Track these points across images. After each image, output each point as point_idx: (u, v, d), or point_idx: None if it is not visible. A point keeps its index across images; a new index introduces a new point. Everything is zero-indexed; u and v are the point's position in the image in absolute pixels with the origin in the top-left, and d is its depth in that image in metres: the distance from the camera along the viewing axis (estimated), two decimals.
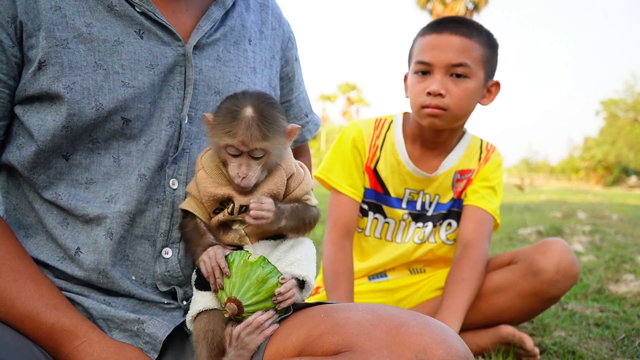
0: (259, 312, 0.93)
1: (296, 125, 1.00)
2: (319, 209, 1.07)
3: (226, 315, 0.95)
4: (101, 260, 0.96)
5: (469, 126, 1.99)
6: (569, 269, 1.69)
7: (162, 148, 1.00)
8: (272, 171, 0.99)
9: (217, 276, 0.94)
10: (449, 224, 1.94)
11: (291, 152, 1.05)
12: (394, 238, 1.94)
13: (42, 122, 0.94)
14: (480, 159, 1.94)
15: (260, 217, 0.93)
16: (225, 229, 1.02)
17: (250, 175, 0.94)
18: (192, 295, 1.04)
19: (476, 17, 27.92)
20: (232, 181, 0.96)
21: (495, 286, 1.79)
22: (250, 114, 0.92)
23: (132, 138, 0.99)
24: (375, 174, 1.90)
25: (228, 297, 0.93)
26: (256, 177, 0.95)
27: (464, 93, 1.72)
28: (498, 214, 1.92)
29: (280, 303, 0.94)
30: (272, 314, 0.94)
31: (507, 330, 1.75)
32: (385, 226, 1.94)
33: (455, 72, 1.71)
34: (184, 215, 1.02)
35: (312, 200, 1.05)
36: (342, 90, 53.32)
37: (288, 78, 1.27)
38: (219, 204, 1.00)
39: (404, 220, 1.93)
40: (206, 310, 0.96)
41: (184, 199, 1.02)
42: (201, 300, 0.97)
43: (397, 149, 1.89)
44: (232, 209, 0.98)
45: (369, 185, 1.90)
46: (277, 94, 1.23)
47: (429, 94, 1.72)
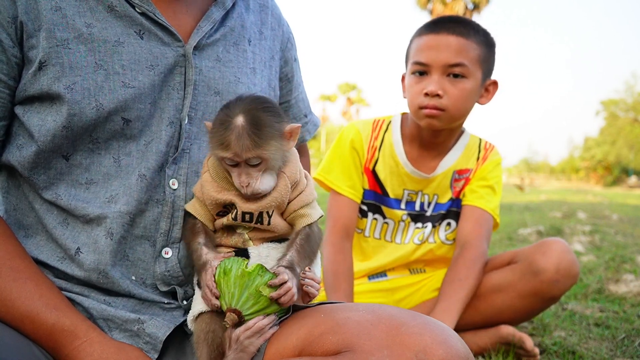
0: (260, 317, 0.93)
1: (296, 124, 0.98)
2: (321, 214, 1.05)
3: (227, 326, 0.93)
4: (101, 261, 0.96)
5: (468, 126, 1.99)
6: (568, 268, 1.69)
7: (162, 148, 1.00)
8: (276, 178, 0.98)
9: (209, 297, 0.93)
10: (448, 224, 1.95)
11: (298, 158, 1.03)
12: (393, 239, 1.95)
13: (42, 122, 0.94)
14: (479, 158, 1.94)
15: (285, 295, 0.91)
16: (229, 231, 1.02)
17: (253, 183, 0.93)
18: (192, 295, 1.04)
19: (477, 17, 27.93)
20: (237, 187, 0.95)
21: (495, 286, 1.78)
22: (241, 123, 0.90)
23: (132, 138, 0.99)
24: (374, 175, 1.90)
25: (228, 307, 0.92)
26: (261, 183, 0.94)
27: (461, 93, 1.72)
28: (497, 213, 1.91)
29: (281, 301, 0.92)
30: (272, 319, 0.93)
31: (507, 330, 1.76)
32: (385, 227, 1.94)
33: (452, 72, 1.71)
34: (187, 214, 1.02)
35: (311, 215, 1.00)
36: (342, 90, 53.34)
37: (287, 78, 1.27)
38: (223, 207, 1.00)
39: (403, 221, 1.93)
40: (208, 311, 0.95)
41: (184, 199, 1.02)
42: (202, 301, 0.97)
43: (395, 150, 1.89)
44: (235, 215, 0.97)
45: (367, 186, 1.90)
46: (277, 94, 1.23)
47: (426, 94, 1.72)
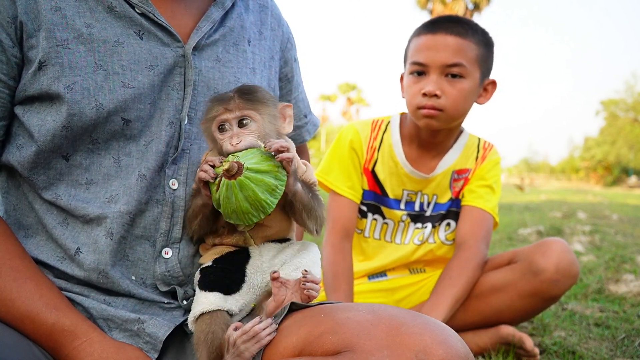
0: (256, 320, 0.91)
1: (287, 103, 1.01)
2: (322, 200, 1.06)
3: (224, 166, 0.88)
4: (101, 260, 0.96)
5: (468, 126, 1.99)
6: (568, 268, 1.69)
7: (162, 148, 1.00)
8: None
9: (210, 160, 0.93)
10: (448, 224, 1.95)
11: (294, 147, 1.05)
12: (393, 239, 1.95)
13: (42, 122, 0.94)
14: (477, 158, 1.94)
15: (284, 149, 0.90)
16: (230, 230, 1.02)
17: (244, 139, 0.93)
18: (192, 295, 1.04)
19: (477, 17, 27.93)
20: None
21: (494, 286, 1.78)
22: (234, 92, 0.97)
23: (132, 139, 0.99)
24: (374, 175, 1.90)
25: (223, 165, 0.89)
26: (248, 143, 0.93)
27: (459, 93, 1.72)
28: (497, 212, 1.91)
29: (281, 157, 0.90)
30: (269, 323, 0.91)
31: (507, 330, 1.76)
32: (384, 227, 1.94)
33: (450, 73, 1.71)
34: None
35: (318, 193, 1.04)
36: (342, 90, 53.34)
37: (287, 79, 1.28)
38: None
39: (403, 221, 1.93)
40: (208, 312, 0.95)
41: (184, 199, 1.02)
42: (204, 302, 0.96)
43: (395, 150, 1.89)
44: None
45: (367, 187, 1.90)
46: (276, 94, 1.23)
47: (424, 95, 1.72)
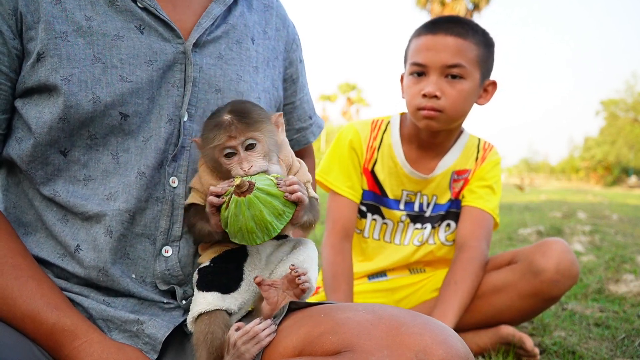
0: (257, 321, 0.91)
1: (278, 113, 1.02)
2: (317, 196, 1.06)
3: (236, 182, 0.89)
4: (101, 258, 0.96)
5: (468, 126, 1.99)
6: (568, 269, 1.69)
7: (161, 145, 1.00)
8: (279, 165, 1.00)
9: (222, 185, 0.93)
10: (448, 224, 1.94)
11: (288, 145, 1.06)
12: (392, 239, 1.94)
13: (39, 114, 0.94)
14: (477, 158, 1.94)
15: (297, 191, 0.92)
16: None
17: (255, 164, 0.94)
18: (191, 295, 1.03)
19: (477, 17, 27.91)
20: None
21: (495, 286, 1.78)
22: (230, 116, 0.95)
23: (130, 134, 0.98)
24: (373, 175, 1.90)
25: (235, 181, 0.90)
26: (261, 169, 0.95)
27: (459, 94, 1.71)
28: (497, 212, 1.91)
29: (289, 190, 0.92)
30: (269, 324, 0.91)
31: (507, 330, 1.75)
32: (384, 227, 1.94)
33: (450, 73, 1.70)
34: (188, 209, 1.02)
35: (310, 192, 1.03)
36: (342, 90, 53.30)
37: (292, 80, 1.27)
38: None
39: (402, 221, 1.93)
40: (207, 312, 0.95)
41: (184, 197, 1.02)
42: (202, 302, 0.96)
43: (394, 150, 1.89)
44: None
45: (366, 187, 1.90)
46: (280, 94, 1.23)
47: (424, 96, 1.71)
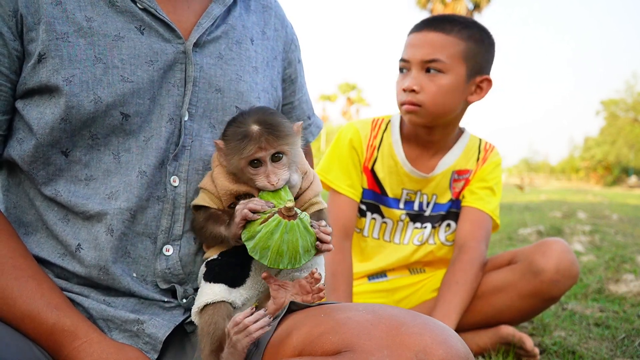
0: (247, 312, 0.89)
1: (298, 122, 1.03)
2: (326, 205, 1.09)
3: (288, 205, 0.92)
4: (102, 257, 0.96)
5: (468, 125, 1.99)
6: (568, 269, 1.69)
7: (162, 145, 1.00)
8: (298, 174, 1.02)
9: (263, 203, 0.94)
10: (448, 225, 1.94)
11: (302, 152, 1.07)
12: (392, 238, 1.94)
13: (41, 115, 0.95)
14: (479, 159, 1.94)
15: (329, 242, 0.95)
16: None
17: (281, 178, 0.96)
18: (192, 294, 1.04)
19: (477, 17, 27.91)
20: (264, 189, 0.97)
21: (495, 286, 1.78)
22: (258, 127, 0.95)
23: (131, 134, 0.99)
24: (373, 174, 1.90)
25: (286, 203, 0.92)
26: (286, 180, 0.97)
27: (438, 89, 1.72)
28: (497, 214, 1.91)
29: (322, 239, 0.95)
30: (261, 315, 0.89)
31: (507, 330, 1.75)
32: (383, 226, 1.94)
33: (429, 68, 1.73)
34: (196, 209, 1.02)
35: (321, 203, 1.06)
36: (342, 90, 53.28)
37: (291, 80, 1.27)
38: (235, 199, 1.01)
39: (402, 220, 1.93)
40: (213, 304, 0.95)
41: (185, 196, 1.02)
42: (208, 292, 0.97)
43: (394, 149, 1.89)
44: None
45: (366, 186, 1.90)
46: (279, 94, 1.23)
47: (404, 90, 1.75)
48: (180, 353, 1.02)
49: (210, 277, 0.99)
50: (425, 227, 1.93)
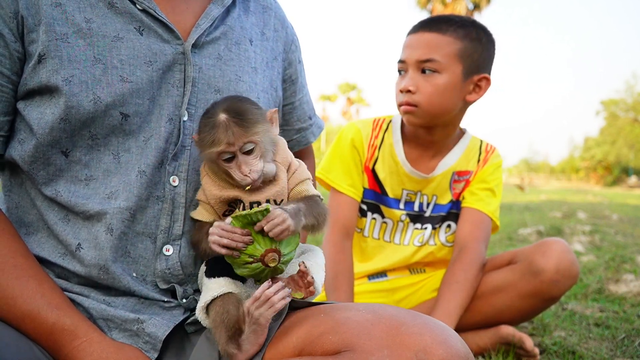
0: (265, 285, 0.91)
1: (273, 109, 1.01)
2: (319, 193, 1.06)
3: (271, 264, 0.92)
4: (102, 256, 0.97)
5: (468, 125, 1.98)
6: (568, 269, 1.69)
7: (161, 145, 1.00)
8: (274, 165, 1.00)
9: (238, 240, 0.92)
10: (449, 225, 1.94)
11: (285, 144, 1.06)
12: (392, 239, 1.94)
13: (41, 115, 0.95)
14: (479, 160, 1.93)
15: (277, 226, 0.91)
16: None
17: (255, 168, 0.94)
18: (192, 294, 1.04)
19: (477, 16, 27.92)
20: (240, 183, 0.96)
21: (495, 286, 1.78)
22: (225, 117, 0.94)
23: (131, 134, 0.99)
24: (374, 174, 1.90)
25: (267, 249, 0.92)
26: (260, 171, 0.95)
27: (434, 88, 1.73)
28: (497, 215, 1.91)
29: (272, 234, 0.91)
30: (281, 286, 0.91)
31: (507, 330, 1.76)
32: (383, 226, 1.94)
33: (424, 68, 1.73)
34: (195, 222, 1.03)
35: (308, 190, 1.03)
36: (342, 90, 53.29)
37: (291, 80, 1.28)
38: (228, 206, 1.01)
39: (402, 221, 1.93)
40: (220, 297, 0.95)
41: (184, 195, 1.03)
42: (214, 287, 0.97)
43: (395, 149, 1.89)
44: (242, 207, 0.99)
45: (367, 186, 1.90)
46: (279, 94, 1.23)
47: (401, 91, 1.76)
48: (181, 353, 1.02)
49: (214, 272, 0.99)
50: (426, 228, 1.93)
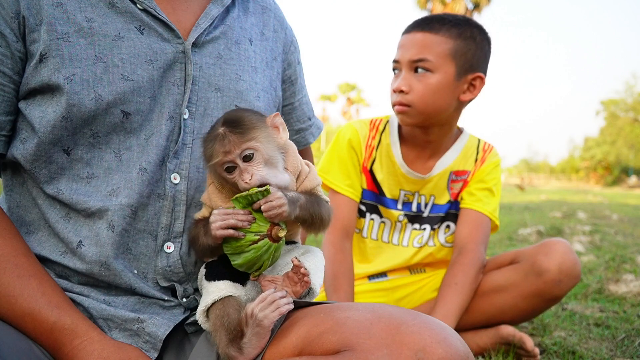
0: (271, 290, 0.91)
1: (274, 113, 1.01)
2: (327, 199, 1.05)
3: (280, 234, 0.93)
4: (103, 253, 0.97)
5: (467, 125, 1.98)
6: (571, 269, 1.69)
7: (162, 142, 1.01)
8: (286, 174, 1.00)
9: (242, 219, 0.92)
10: (447, 226, 1.94)
11: (296, 150, 1.05)
12: (390, 239, 1.94)
13: (43, 114, 0.96)
14: (477, 160, 1.93)
15: (274, 209, 0.91)
16: None
17: (255, 176, 0.93)
18: (192, 293, 1.04)
19: (477, 17, 27.92)
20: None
21: (497, 286, 1.78)
22: (221, 129, 0.94)
23: (132, 132, 1.00)
24: (372, 175, 1.90)
25: (270, 224, 0.93)
26: (263, 177, 0.94)
27: (427, 88, 1.73)
28: (496, 215, 1.90)
29: (268, 215, 0.92)
30: (285, 294, 0.91)
31: (507, 330, 1.76)
32: (382, 226, 1.93)
33: (417, 67, 1.74)
34: (196, 221, 1.02)
35: (322, 194, 1.04)
36: (342, 90, 53.29)
37: (290, 81, 1.28)
38: None
39: (400, 221, 1.92)
40: (220, 300, 0.96)
41: (185, 193, 1.03)
42: (214, 290, 0.97)
43: (392, 150, 1.89)
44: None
45: (365, 186, 1.90)
46: (278, 94, 1.23)
47: (394, 91, 1.77)
48: (180, 353, 1.02)
49: (214, 276, 0.99)
50: (424, 229, 1.93)
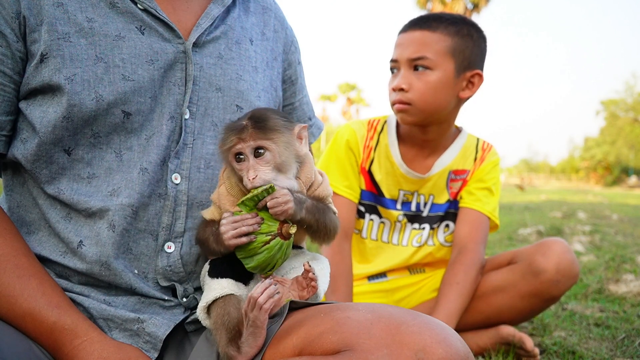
0: (255, 288, 0.91)
1: (303, 124, 1.01)
2: (336, 210, 1.06)
3: (291, 231, 0.95)
4: (103, 252, 0.97)
5: (467, 125, 1.98)
6: (569, 269, 1.69)
7: (163, 142, 1.01)
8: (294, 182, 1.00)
9: (252, 223, 0.94)
10: (447, 225, 1.94)
11: (312, 162, 1.05)
12: (390, 239, 1.94)
13: (44, 114, 0.96)
14: (476, 159, 1.93)
15: (279, 205, 0.92)
16: None
17: (260, 176, 0.93)
18: (192, 293, 1.04)
19: (476, 17, 27.92)
20: (246, 187, 0.96)
21: (495, 286, 1.78)
22: (246, 120, 0.96)
23: (133, 132, 1.00)
24: (370, 175, 1.90)
25: (279, 222, 0.95)
26: (268, 181, 0.93)
27: (426, 86, 1.73)
28: (496, 215, 1.90)
29: (273, 212, 0.94)
30: (267, 285, 0.90)
31: (507, 330, 1.76)
32: (381, 226, 1.93)
33: (416, 65, 1.74)
34: (205, 221, 1.03)
35: (331, 206, 1.05)
36: (342, 90, 53.25)
37: (291, 81, 1.28)
38: None
39: (399, 221, 1.92)
40: (222, 297, 0.96)
41: (186, 193, 1.03)
42: (216, 287, 0.97)
43: (391, 150, 1.89)
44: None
45: (364, 187, 1.90)
46: (279, 94, 1.23)
47: (393, 90, 1.76)
48: (180, 353, 1.02)
49: (216, 273, 0.99)
50: (424, 229, 1.93)
